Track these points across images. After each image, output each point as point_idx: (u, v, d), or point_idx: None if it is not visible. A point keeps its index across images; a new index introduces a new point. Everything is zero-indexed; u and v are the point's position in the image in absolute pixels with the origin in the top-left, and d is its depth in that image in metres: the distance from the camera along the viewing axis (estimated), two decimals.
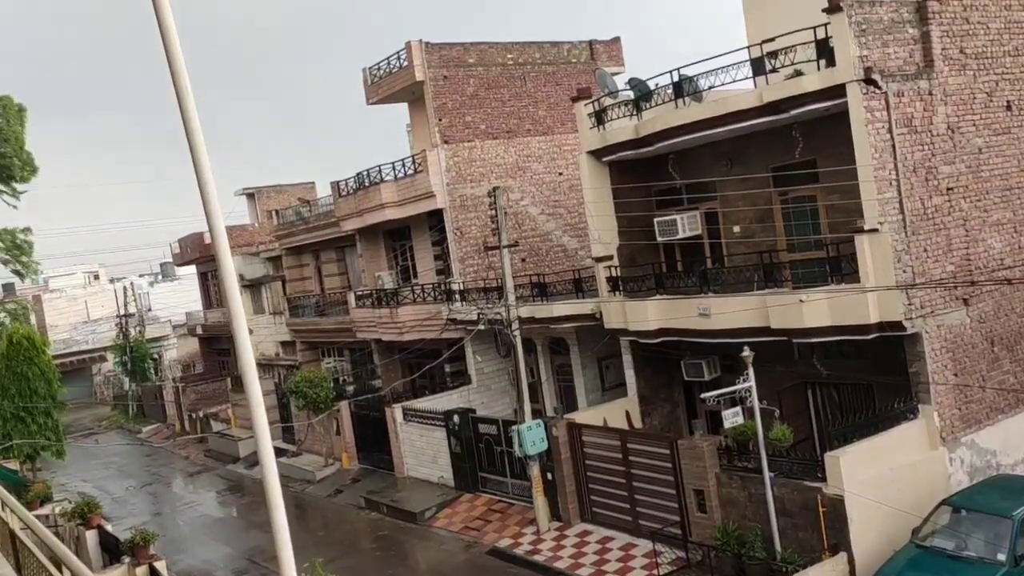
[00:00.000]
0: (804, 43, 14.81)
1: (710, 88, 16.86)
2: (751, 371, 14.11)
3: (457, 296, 25.07)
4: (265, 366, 37.72)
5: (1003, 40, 16.09)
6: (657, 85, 18.07)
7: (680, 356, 18.89)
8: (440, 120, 25.96)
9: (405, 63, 26.31)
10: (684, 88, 17.18)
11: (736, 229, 17.99)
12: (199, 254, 43.11)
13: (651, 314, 17.95)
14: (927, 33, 14.99)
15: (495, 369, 25.73)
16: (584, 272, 22.66)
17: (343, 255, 32.99)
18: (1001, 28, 16.09)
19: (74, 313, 64.80)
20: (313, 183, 42.75)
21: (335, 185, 29.63)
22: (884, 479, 13.69)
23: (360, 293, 29.10)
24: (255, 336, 38.14)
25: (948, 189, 14.98)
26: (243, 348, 3.77)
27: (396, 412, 25.43)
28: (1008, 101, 16.09)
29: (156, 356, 56.65)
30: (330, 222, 30.92)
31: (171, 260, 53.11)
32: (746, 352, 14.18)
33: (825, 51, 14.52)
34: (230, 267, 3.81)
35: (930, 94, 14.90)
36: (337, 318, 31.15)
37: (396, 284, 28.27)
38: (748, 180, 17.20)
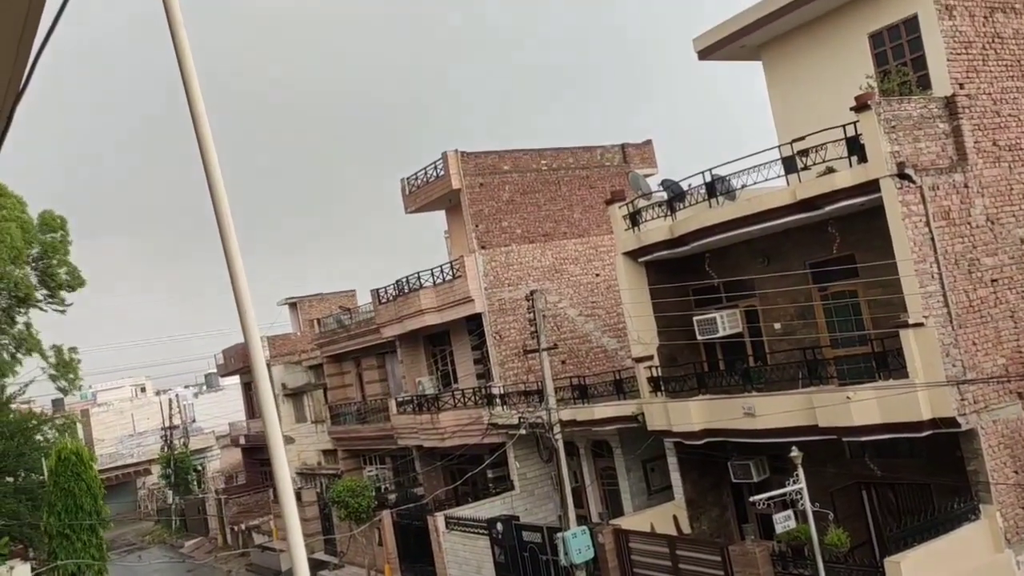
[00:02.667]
0: (834, 140, 14.96)
1: (743, 187, 17.00)
2: (801, 472, 13.70)
3: (498, 400, 24.93)
4: (307, 475, 37.57)
5: None
6: (690, 185, 18.30)
7: (727, 457, 18.43)
8: (477, 226, 26.43)
9: (442, 172, 27.03)
10: (717, 188, 17.37)
11: (777, 326, 17.81)
12: (242, 364, 43.64)
13: (694, 415, 17.65)
14: (958, 127, 15.09)
15: (538, 474, 25.30)
16: (625, 373, 22.47)
17: (384, 361, 33.17)
18: None
19: (121, 426, 65.54)
20: (354, 291, 43.45)
21: (375, 292, 30.07)
22: None
23: (401, 399, 29.09)
24: (297, 445, 38.14)
25: (992, 281, 14.75)
26: (277, 457, 3.77)
27: (438, 521, 24.98)
28: None
29: (199, 468, 56.72)
30: (370, 329, 31.24)
31: (216, 371, 53.78)
32: (795, 452, 13.81)
33: (856, 148, 14.64)
34: (264, 374, 3.86)
35: (966, 186, 14.87)
36: (378, 425, 31.07)
37: (437, 389, 28.24)
38: (786, 277, 17.14)
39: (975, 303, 14.40)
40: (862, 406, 14.18)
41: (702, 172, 17.64)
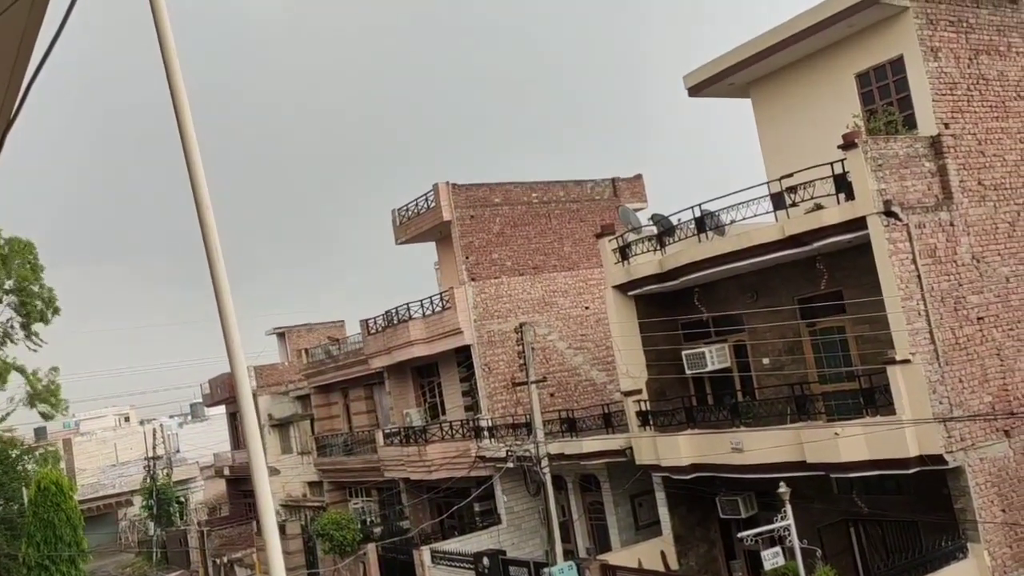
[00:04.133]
0: (822, 178, 15.12)
1: (732, 222, 17.12)
2: (789, 508, 13.65)
3: (486, 433, 24.80)
4: (292, 508, 37.16)
5: (1021, 171, 16.34)
6: (680, 220, 18.41)
7: (715, 493, 18.36)
8: (467, 258, 26.47)
9: (432, 204, 27.13)
10: (706, 223, 17.48)
11: (765, 361, 17.84)
12: (228, 394, 43.33)
13: (683, 449, 17.60)
14: (944, 166, 15.27)
15: (525, 508, 25.10)
16: (613, 406, 22.42)
17: (371, 393, 33.00)
18: (1018, 160, 16.37)
19: (103, 456, 64.76)
20: (343, 322, 43.32)
21: (364, 323, 29.99)
22: None
23: (388, 431, 28.90)
24: (282, 477, 37.75)
25: (979, 318, 14.86)
26: (261, 488, 3.74)
27: (424, 555, 24.69)
28: None
29: (182, 499, 56.02)
30: (359, 360, 31.11)
31: (201, 401, 53.37)
32: (783, 488, 13.78)
33: (843, 185, 14.79)
34: (250, 402, 3.83)
35: (952, 225, 15.03)
36: (365, 457, 30.82)
37: (424, 421, 28.09)
38: (775, 312, 17.21)
39: (961, 340, 14.48)
40: (850, 442, 14.18)
41: (692, 207, 17.77)
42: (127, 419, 73.27)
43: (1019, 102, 16.57)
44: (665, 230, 18.67)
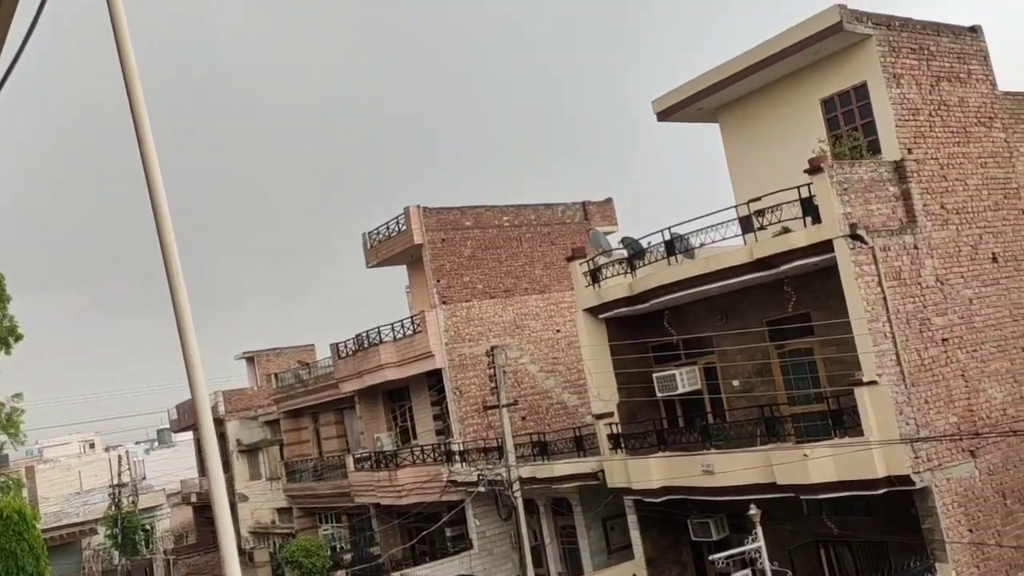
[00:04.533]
0: (789, 201, 15.31)
1: (701, 245, 17.26)
2: (759, 530, 13.68)
3: (457, 457, 24.65)
4: (261, 534, 36.60)
5: (982, 195, 16.66)
6: (649, 243, 18.53)
7: (686, 515, 18.35)
8: (438, 281, 26.43)
9: (404, 227, 27.09)
10: (676, 246, 17.61)
11: (735, 383, 17.94)
12: (195, 419, 42.68)
13: (654, 472, 17.60)
14: (907, 191, 15.53)
15: (497, 532, 24.92)
16: (585, 429, 22.39)
17: (342, 417, 32.70)
18: (979, 184, 16.69)
19: (68, 484, 63.35)
20: (313, 345, 42.98)
21: (334, 347, 29.77)
22: None
23: (359, 456, 28.62)
24: (250, 503, 37.20)
25: (943, 340, 15.06)
26: (221, 516, 3.67)
27: None
28: (993, 253, 16.45)
29: (148, 527, 54.94)
30: (329, 384, 30.85)
31: (168, 427, 52.55)
32: (753, 510, 13.80)
33: (810, 209, 14.98)
34: (210, 427, 3.78)
35: (916, 248, 15.26)
36: (335, 482, 30.48)
37: (395, 445, 27.86)
38: (744, 334, 17.33)
39: (927, 362, 14.66)
40: (819, 463, 14.27)
41: (661, 230, 17.91)
42: (92, 446, 71.86)
43: (979, 128, 16.93)
44: (635, 253, 18.78)
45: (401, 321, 27.17)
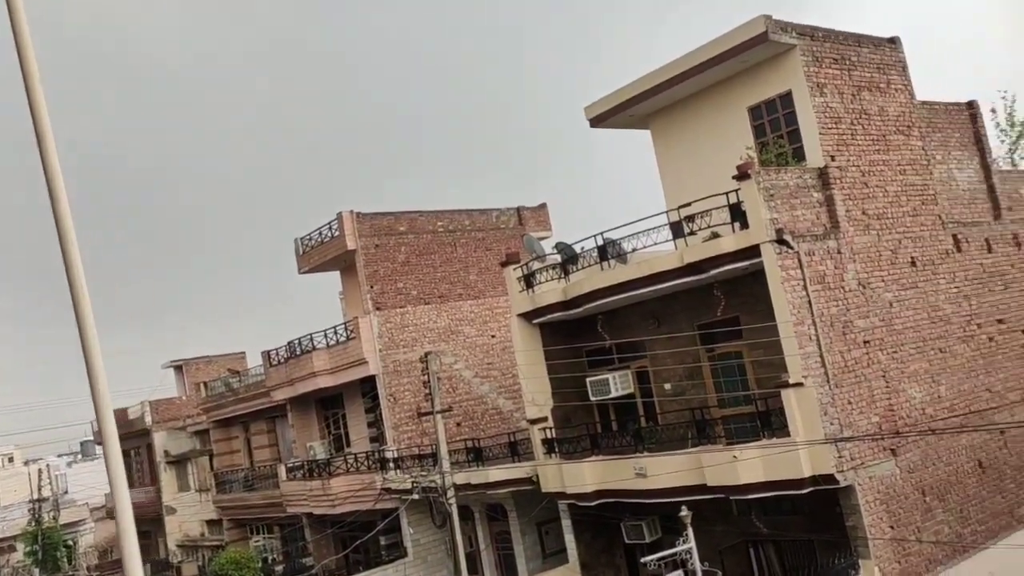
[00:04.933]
0: (719, 207, 15.56)
1: (634, 251, 17.44)
2: (690, 531, 13.84)
3: (391, 464, 24.40)
4: (189, 548, 35.67)
5: (901, 202, 17.19)
6: (583, 249, 18.64)
7: (620, 518, 18.48)
8: (372, 287, 26.17)
9: (336, 233, 26.76)
10: (609, 251, 17.74)
11: (667, 386, 18.14)
12: (121, 431, 41.43)
13: (588, 476, 17.68)
14: (831, 197, 15.92)
15: (432, 540, 24.74)
16: (520, 435, 22.40)
17: (274, 426, 32.10)
18: (898, 191, 17.22)
19: None
20: (243, 353, 42.13)
21: (266, 355, 29.23)
22: None
23: (291, 465, 28.12)
24: (179, 515, 36.23)
25: (865, 342, 15.48)
26: (124, 526, 3.53)
27: None
28: (912, 258, 16.99)
29: (71, 543, 53.01)
30: (260, 392, 30.27)
31: (92, 438, 50.86)
32: (684, 512, 13.96)
33: (738, 214, 15.24)
34: (115, 439, 3.63)
35: (839, 252, 15.66)
36: (267, 493, 29.89)
37: (329, 454, 27.45)
38: (676, 338, 17.53)
39: (850, 363, 15.05)
40: (748, 464, 14.51)
41: (595, 236, 18.02)
42: (11, 459, 69.08)
43: (898, 136, 17.49)
44: (569, 258, 18.87)
45: (334, 327, 26.82)
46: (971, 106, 19.65)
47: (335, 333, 26.67)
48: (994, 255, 18.66)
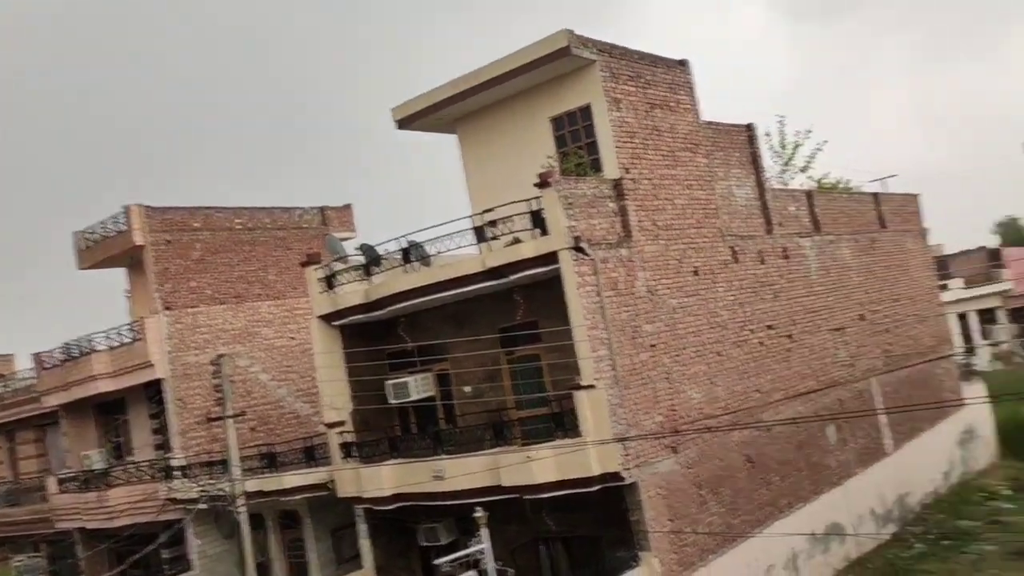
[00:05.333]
0: (521, 213, 15.91)
1: (438, 253, 17.48)
2: (485, 532, 13.99)
3: (178, 472, 22.99)
4: None
5: (687, 215, 18.31)
6: (387, 251, 18.46)
7: (417, 521, 18.40)
8: (162, 285, 24.60)
9: (123, 227, 24.95)
10: (412, 254, 17.69)
11: (467, 389, 18.29)
12: None
13: (386, 480, 17.47)
14: (624, 207, 16.68)
15: (220, 551, 23.52)
16: (318, 439, 21.79)
17: (44, 434, 29.40)
18: (685, 204, 18.33)
19: None
20: (11, 355, 38.32)
21: (37, 357, 26.74)
22: None
23: (64, 476, 25.84)
24: None
25: (652, 346, 16.33)
26: None
27: None
28: (695, 267, 18.13)
29: None
30: (29, 398, 27.64)
31: None
32: (478, 513, 14.09)
33: (539, 221, 15.64)
34: None
35: (631, 260, 16.43)
36: (33, 507, 27.30)
37: (107, 463, 25.46)
38: (477, 341, 17.72)
39: (637, 366, 15.82)
40: (542, 465, 14.87)
41: (398, 238, 17.91)
42: None
43: (686, 153, 18.62)
44: (372, 260, 18.60)
45: (118, 328, 24.95)
46: (749, 128, 21.28)
47: (119, 334, 24.82)
48: (766, 266, 20.31)
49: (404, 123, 19.94)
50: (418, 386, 18.15)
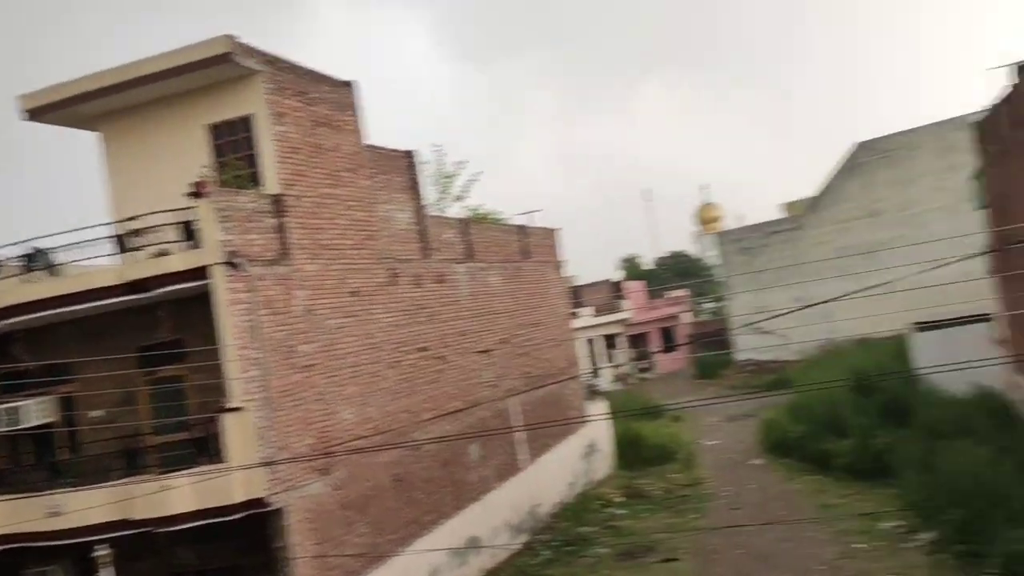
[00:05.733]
0: (171, 223, 14.89)
1: (71, 263, 15.82)
2: (109, 571, 12.74)
3: None
4: None
5: (348, 235, 18.34)
6: (6, 257, 16.35)
7: (23, 566, 16.23)
8: None
9: None
10: (37, 261, 15.82)
11: (96, 414, 16.63)
12: None
13: None
14: (284, 224, 16.28)
15: None
16: None
17: None
18: (347, 224, 18.35)
19: None
20: None
21: None
22: None
23: None
24: None
25: (307, 366, 16.07)
26: None
27: None
28: (355, 288, 18.20)
29: None
30: None
31: None
32: (100, 551, 12.81)
33: (191, 233, 14.77)
34: None
35: (289, 279, 16.06)
36: None
37: None
38: (112, 360, 16.18)
39: (290, 387, 15.47)
40: (179, 493, 13.93)
41: (20, 243, 15.94)
42: None
43: (349, 173, 18.67)
44: None
45: None
46: (409, 155, 21.93)
47: None
48: (422, 290, 21.01)
49: (35, 114, 17.76)
50: (34, 412, 16.11)
